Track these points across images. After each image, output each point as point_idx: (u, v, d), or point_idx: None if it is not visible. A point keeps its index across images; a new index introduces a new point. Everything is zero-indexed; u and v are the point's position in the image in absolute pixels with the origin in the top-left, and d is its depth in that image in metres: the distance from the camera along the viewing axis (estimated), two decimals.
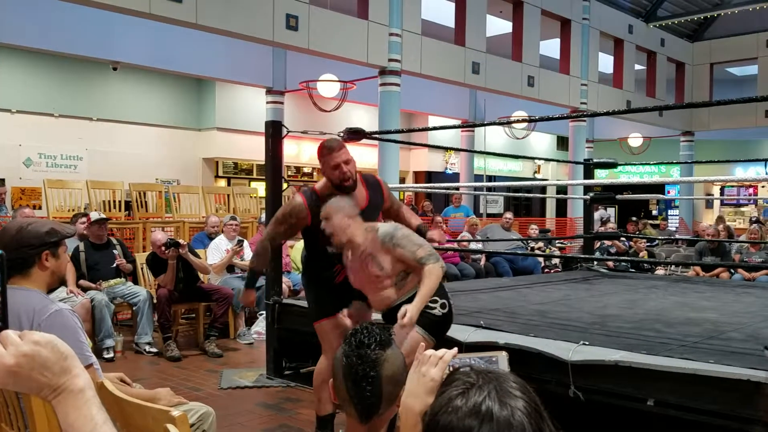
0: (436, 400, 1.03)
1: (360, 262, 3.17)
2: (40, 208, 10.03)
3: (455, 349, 1.36)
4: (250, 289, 3.63)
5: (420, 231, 3.64)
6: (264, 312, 5.77)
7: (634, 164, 12.76)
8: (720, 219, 14.16)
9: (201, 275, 6.27)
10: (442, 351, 1.36)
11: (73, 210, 7.71)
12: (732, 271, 8.47)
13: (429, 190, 12.69)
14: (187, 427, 1.32)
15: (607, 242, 9.31)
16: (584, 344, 3.30)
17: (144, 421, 1.47)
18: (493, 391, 0.99)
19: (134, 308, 5.91)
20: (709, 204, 20.15)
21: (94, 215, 6.11)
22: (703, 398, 2.85)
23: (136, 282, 6.37)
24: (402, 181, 14.97)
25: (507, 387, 1.00)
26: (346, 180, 3.32)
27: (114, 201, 8.44)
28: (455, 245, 8.56)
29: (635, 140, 17.67)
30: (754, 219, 12.04)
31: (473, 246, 8.77)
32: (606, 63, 16.40)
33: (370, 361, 1.51)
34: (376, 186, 3.57)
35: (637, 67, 16.87)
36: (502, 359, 1.31)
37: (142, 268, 6.48)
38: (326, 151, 3.34)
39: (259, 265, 3.63)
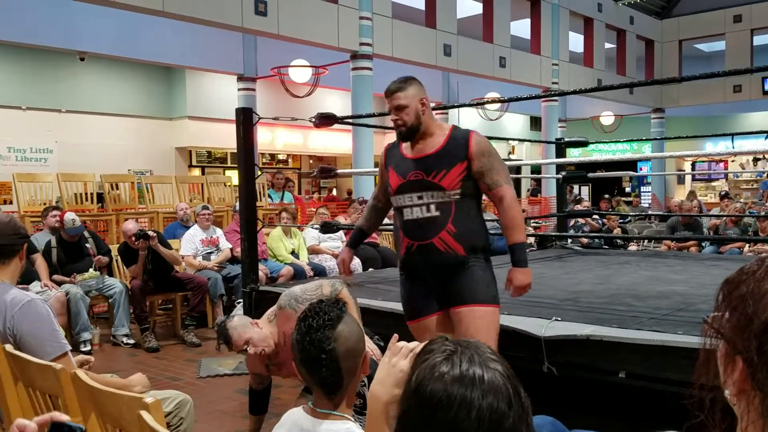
0: (418, 368, 1.05)
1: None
2: (10, 202, 9.88)
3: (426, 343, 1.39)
4: (348, 248, 3.21)
5: (515, 255, 2.90)
6: (241, 300, 5.77)
7: (606, 142, 12.87)
8: (692, 194, 14.38)
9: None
10: (414, 343, 1.39)
11: (45, 204, 7.61)
12: (702, 244, 8.63)
13: None
14: (161, 413, 1.33)
15: (581, 220, 9.42)
16: (557, 320, 3.35)
17: (117, 409, 1.48)
18: (474, 356, 1.02)
19: (110, 300, 5.88)
20: (680, 179, 20.44)
21: (69, 224, 5.88)
22: (673, 369, 2.92)
23: (111, 274, 6.32)
24: (377, 165, 14.97)
25: (484, 353, 1.03)
26: (397, 128, 2.85)
27: (86, 193, 8.35)
28: None
29: (607, 118, 17.84)
30: (723, 193, 12.25)
31: None
32: (576, 42, 16.50)
33: (321, 344, 1.52)
34: (460, 139, 2.86)
35: (607, 45, 17.00)
36: None
37: (116, 261, 6.44)
38: (385, 94, 2.89)
39: (365, 224, 3.26)
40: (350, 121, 7.37)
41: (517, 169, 19.36)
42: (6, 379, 2.02)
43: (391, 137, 14.41)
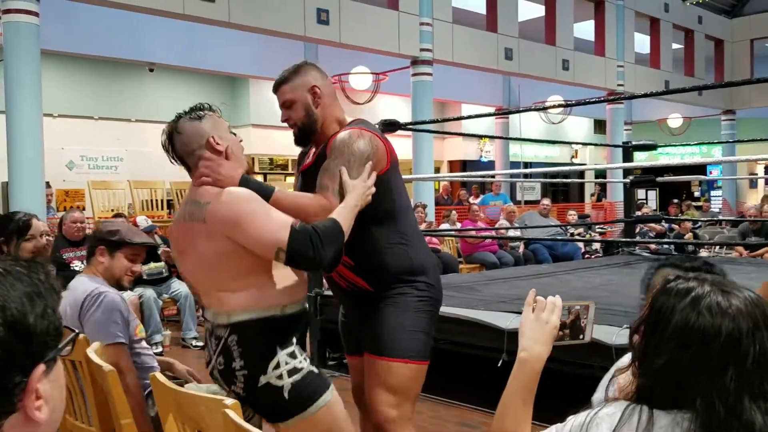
0: (678, 306, 1.09)
1: None
2: (84, 209, 10.28)
3: (558, 296, 1.38)
4: None
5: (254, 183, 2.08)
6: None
7: (674, 145, 12.51)
8: (766, 198, 13.79)
9: None
10: (552, 298, 1.37)
11: (113, 210, 7.90)
12: None
13: (464, 178, 12.65)
14: (240, 413, 1.36)
15: (645, 226, 9.17)
16: (627, 328, 3.27)
17: (197, 410, 1.51)
18: (735, 286, 1.11)
19: (177, 304, 6.05)
20: (753, 184, 19.65)
21: (142, 223, 6.11)
22: None
23: (180, 277, 6.49)
24: (437, 170, 14.95)
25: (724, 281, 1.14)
26: (291, 129, 2.24)
27: (155, 200, 8.62)
28: (493, 233, 8.52)
29: (675, 121, 17.33)
30: None
31: (511, 233, 8.72)
32: (642, 43, 16.10)
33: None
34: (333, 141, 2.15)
35: (675, 45, 16.52)
36: (592, 308, 1.40)
37: None
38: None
39: None
40: (412, 127, 7.38)
41: (581, 174, 19.02)
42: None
43: (451, 142, 14.26)
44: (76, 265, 5.14)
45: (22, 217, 2.90)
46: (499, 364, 3.45)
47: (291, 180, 14.11)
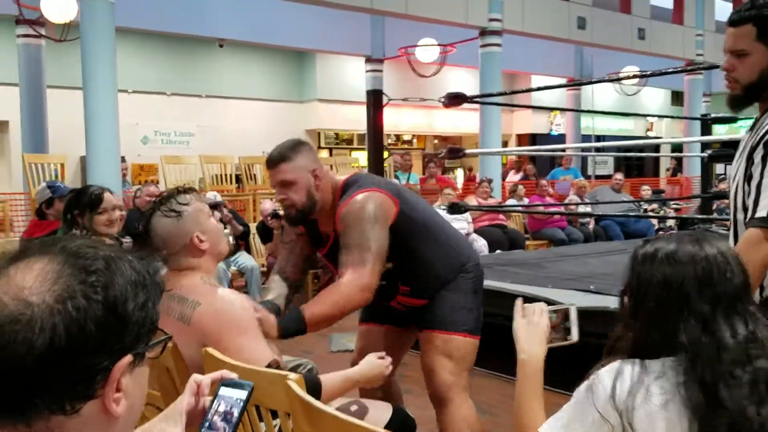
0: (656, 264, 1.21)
1: None
2: (157, 183, 10.60)
3: (543, 303, 1.49)
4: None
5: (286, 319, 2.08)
6: None
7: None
8: None
9: None
10: (537, 304, 1.49)
11: (186, 184, 8.09)
12: None
13: (534, 152, 12.39)
14: (304, 389, 1.35)
15: (723, 203, 8.76)
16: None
17: (257, 384, 1.51)
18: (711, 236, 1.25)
19: (244, 276, 6.17)
20: None
21: (211, 198, 6.23)
22: None
23: (248, 250, 6.62)
24: (504, 144, 14.68)
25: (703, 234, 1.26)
26: (285, 209, 2.26)
27: (225, 174, 8.78)
28: (562, 209, 8.32)
29: None
30: None
31: (581, 209, 8.49)
32: (724, 10, 15.29)
33: None
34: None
35: None
36: (573, 310, 1.49)
37: (253, 238, 6.72)
38: (266, 165, 2.29)
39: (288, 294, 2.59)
40: (479, 100, 7.24)
41: (656, 148, 18.35)
42: None
43: (520, 115, 13.86)
44: None
45: (95, 191, 2.97)
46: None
47: (355, 154, 14.13)
